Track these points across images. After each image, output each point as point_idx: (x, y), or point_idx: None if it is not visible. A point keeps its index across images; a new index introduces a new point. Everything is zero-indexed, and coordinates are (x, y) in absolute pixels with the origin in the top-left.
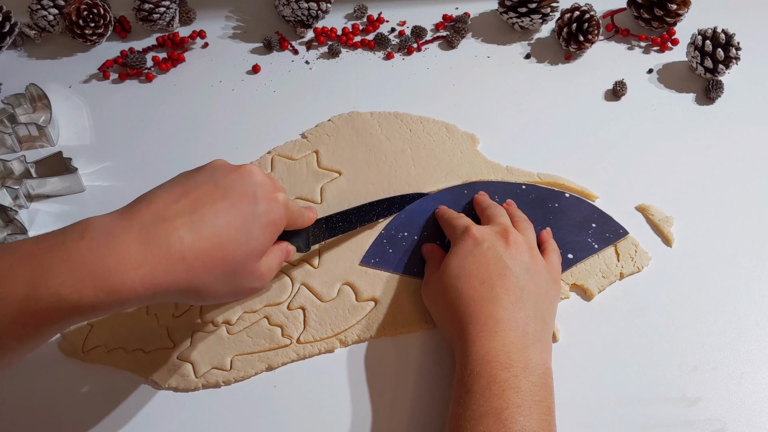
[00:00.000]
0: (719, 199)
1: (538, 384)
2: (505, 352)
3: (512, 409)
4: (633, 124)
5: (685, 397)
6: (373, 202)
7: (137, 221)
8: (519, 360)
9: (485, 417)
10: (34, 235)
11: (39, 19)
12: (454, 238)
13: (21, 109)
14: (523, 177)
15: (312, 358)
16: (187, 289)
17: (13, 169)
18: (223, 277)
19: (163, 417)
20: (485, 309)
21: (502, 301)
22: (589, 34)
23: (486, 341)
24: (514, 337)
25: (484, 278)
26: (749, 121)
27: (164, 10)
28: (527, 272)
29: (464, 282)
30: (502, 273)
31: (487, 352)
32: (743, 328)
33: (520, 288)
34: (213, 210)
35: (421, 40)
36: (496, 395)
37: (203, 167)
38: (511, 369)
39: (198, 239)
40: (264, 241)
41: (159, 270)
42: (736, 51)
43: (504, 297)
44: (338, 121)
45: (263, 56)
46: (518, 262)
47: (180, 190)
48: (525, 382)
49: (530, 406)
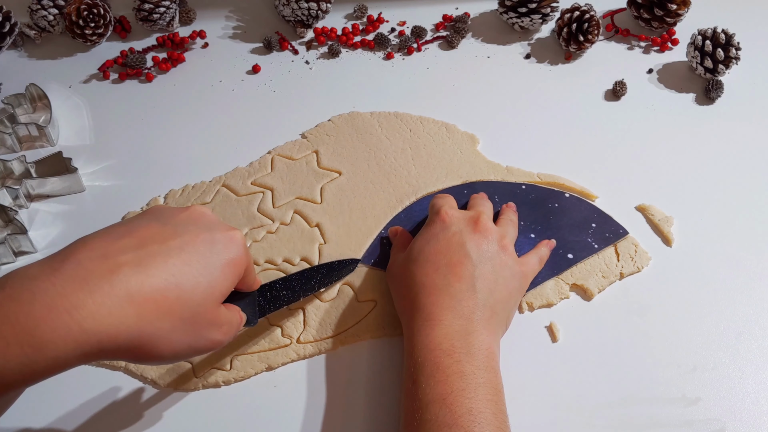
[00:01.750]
0: (719, 199)
1: (482, 367)
2: (448, 339)
3: (457, 393)
4: (633, 124)
5: (684, 397)
6: (313, 268)
7: (72, 261)
8: (462, 346)
9: (431, 404)
10: (34, 234)
11: (39, 19)
12: (429, 218)
13: (21, 109)
14: (523, 177)
15: (312, 358)
16: (138, 338)
17: (13, 169)
18: (181, 325)
19: (163, 417)
20: (433, 297)
21: (452, 289)
22: (589, 34)
23: (429, 330)
24: (458, 324)
25: (440, 265)
26: (749, 121)
27: (164, 10)
28: (489, 261)
29: (420, 267)
30: (460, 260)
31: (430, 341)
32: (743, 328)
33: (475, 277)
34: (164, 248)
35: (421, 40)
36: (440, 382)
37: (145, 211)
38: (453, 355)
39: (148, 277)
40: (224, 283)
41: (101, 312)
42: (736, 51)
43: (455, 285)
44: (338, 121)
45: (263, 56)
46: (482, 250)
47: (123, 230)
48: (468, 366)
49: (475, 389)
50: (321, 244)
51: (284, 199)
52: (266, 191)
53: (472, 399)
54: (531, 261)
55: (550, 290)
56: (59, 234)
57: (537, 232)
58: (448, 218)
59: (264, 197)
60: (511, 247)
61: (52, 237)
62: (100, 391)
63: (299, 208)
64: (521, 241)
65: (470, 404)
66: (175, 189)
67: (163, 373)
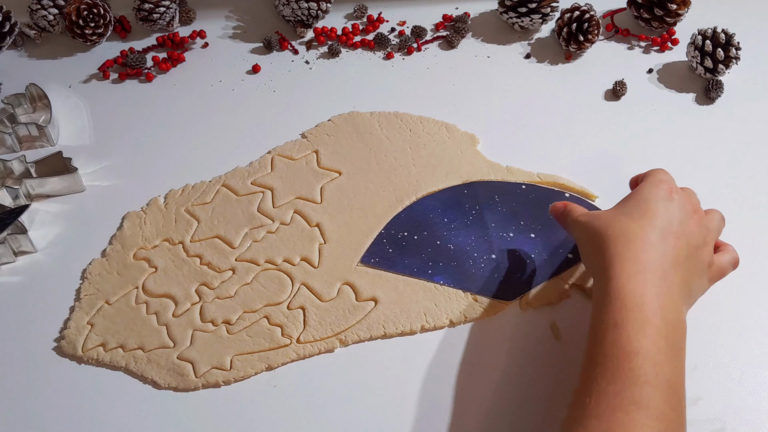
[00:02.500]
0: (719, 199)
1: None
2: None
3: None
4: (633, 124)
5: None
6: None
7: None
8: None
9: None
10: (34, 234)
11: (39, 19)
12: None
13: (21, 109)
14: (523, 177)
15: (312, 358)
16: None
17: (13, 169)
18: None
19: (163, 417)
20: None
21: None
22: (589, 34)
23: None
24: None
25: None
26: (749, 121)
27: (164, 10)
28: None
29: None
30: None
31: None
32: (743, 328)
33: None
34: None
35: (421, 40)
36: (648, 336)
37: None
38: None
39: None
40: None
41: None
42: (736, 51)
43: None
44: (338, 121)
45: (263, 56)
46: (691, 230)
47: None
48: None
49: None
50: (321, 243)
51: (284, 198)
52: (266, 191)
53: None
54: (722, 262)
55: (551, 290)
56: (59, 234)
57: (537, 232)
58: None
59: (264, 197)
60: (713, 245)
61: (52, 237)
62: (100, 391)
63: (299, 207)
64: (521, 241)
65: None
66: (175, 189)
67: (163, 373)
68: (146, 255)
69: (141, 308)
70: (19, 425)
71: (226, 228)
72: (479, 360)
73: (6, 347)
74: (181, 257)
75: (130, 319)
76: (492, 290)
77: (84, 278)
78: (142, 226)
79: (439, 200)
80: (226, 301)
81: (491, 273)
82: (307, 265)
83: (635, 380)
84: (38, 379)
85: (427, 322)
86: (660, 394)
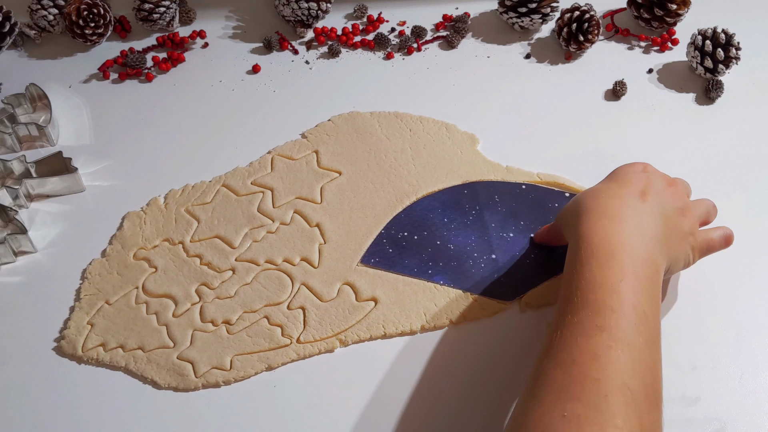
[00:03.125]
0: (719, 199)
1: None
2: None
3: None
4: (633, 124)
5: (684, 397)
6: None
7: None
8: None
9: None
10: (34, 234)
11: (39, 19)
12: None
13: (21, 109)
14: (523, 177)
15: (312, 358)
16: None
17: (13, 169)
18: None
19: (163, 417)
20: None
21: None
22: (589, 34)
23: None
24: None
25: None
26: (749, 121)
27: (164, 10)
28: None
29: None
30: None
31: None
32: (743, 327)
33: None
34: None
35: (421, 40)
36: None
37: None
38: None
39: None
40: None
41: None
42: (736, 51)
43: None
44: (338, 121)
45: (263, 56)
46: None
47: None
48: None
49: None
50: (321, 243)
51: (284, 198)
52: (266, 191)
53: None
54: (713, 238)
55: (551, 290)
56: (59, 234)
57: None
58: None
59: (264, 197)
60: (695, 217)
61: (52, 237)
62: (100, 391)
63: (299, 207)
64: (521, 241)
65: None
66: (175, 189)
67: (163, 373)
68: (146, 255)
69: (141, 308)
70: (19, 425)
71: (226, 228)
72: (479, 360)
73: (6, 347)
74: (181, 257)
75: (130, 319)
76: (492, 290)
77: (84, 278)
78: (142, 226)
79: (439, 200)
80: (226, 301)
81: (491, 273)
82: (307, 265)
83: (598, 309)
84: (38, 379)
85: (427, 322)
86: (624, 320)
